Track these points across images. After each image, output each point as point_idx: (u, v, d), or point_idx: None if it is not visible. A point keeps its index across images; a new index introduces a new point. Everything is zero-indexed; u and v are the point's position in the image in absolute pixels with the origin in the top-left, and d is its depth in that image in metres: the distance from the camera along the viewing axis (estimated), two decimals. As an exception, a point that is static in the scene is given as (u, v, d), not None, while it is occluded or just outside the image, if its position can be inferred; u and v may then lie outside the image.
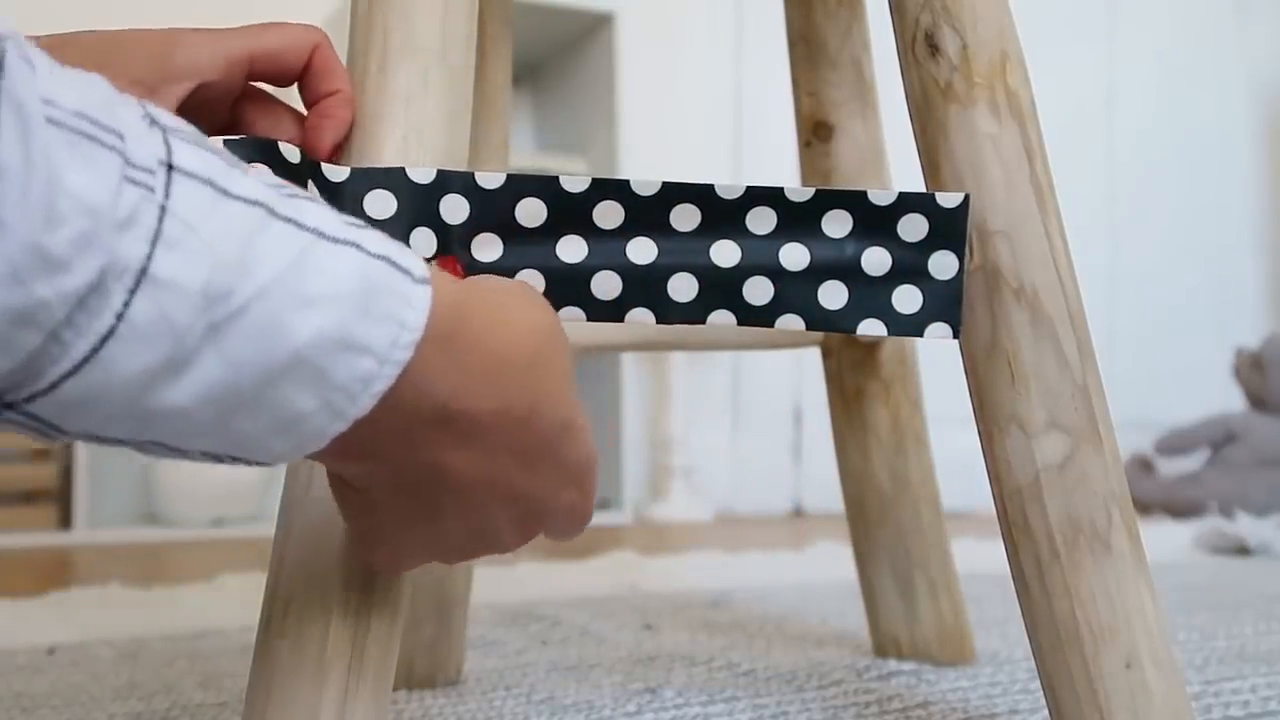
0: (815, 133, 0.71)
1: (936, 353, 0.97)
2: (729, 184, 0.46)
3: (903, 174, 0.83)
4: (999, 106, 0.47)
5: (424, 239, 0.44)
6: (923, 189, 0.49)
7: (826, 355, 0.72)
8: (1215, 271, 2.77)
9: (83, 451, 1.69)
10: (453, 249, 0.45)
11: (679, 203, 0.46)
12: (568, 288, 0.46)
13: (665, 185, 0.45)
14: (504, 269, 0.45)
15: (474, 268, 0.45)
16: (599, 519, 1.97)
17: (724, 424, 2.32)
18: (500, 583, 1.15)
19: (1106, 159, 2.68)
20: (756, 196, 0.46)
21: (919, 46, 0.48)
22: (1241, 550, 1.42)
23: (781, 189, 0.46)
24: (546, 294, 0.46)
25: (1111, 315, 2.63)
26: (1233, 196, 2.83)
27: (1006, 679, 0.69)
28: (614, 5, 2.06)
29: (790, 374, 2.35)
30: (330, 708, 0.38)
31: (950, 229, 0.46)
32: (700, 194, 0.46)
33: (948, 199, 0.46)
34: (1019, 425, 0.46)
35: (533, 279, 0.45)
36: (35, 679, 0.72)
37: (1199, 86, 2.80)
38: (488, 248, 0.45)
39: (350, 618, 0.39)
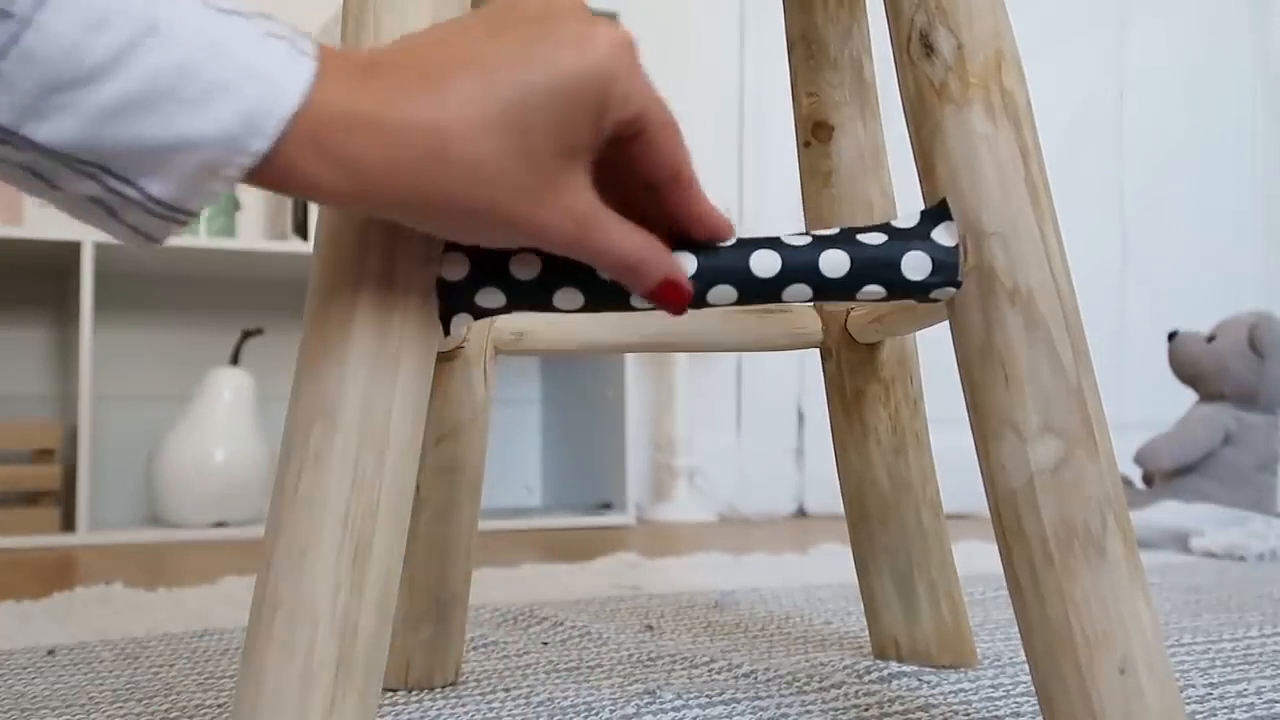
0: (815, 133, 0.71)
1: (938, 354, 0.96)
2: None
3: (903, 175, 0.82)
4: (994, 107, 0.47)
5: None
6: (920, 191, 0.49)
7: (825, 357, 0.72)
8: (1228, 268, 2.76)
9: (86, 453, 1.69)
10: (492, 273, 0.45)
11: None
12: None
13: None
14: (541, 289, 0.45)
15: (516, 288, 0.45)
16: (602, 520, 1.97)
17: (727, 425, 2.32)
18: (502, 583, 1.15)
19: (1118, 154, 2.67)
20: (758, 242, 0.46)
21: (914, 46, 0.48)
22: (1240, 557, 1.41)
23: (779, 238, 0.46)
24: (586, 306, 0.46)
25: (1122, 313, 2.63)
26: (1245, 192, 2.82)
27: (1009, 682, 0.69)
28: (617, 5, 2.06)
29: (793, 375, 2.35)
30: (317, 713, 0.38)
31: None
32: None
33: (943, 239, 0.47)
34: (1013, 429, 0.46)
35: (571, 295, 0.45)
36: (35, 680, 0.72)
37: (1212, 80, 2.79)
38: (526, 267, 0.45)
39: (338, 622, 0.39)
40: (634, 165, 0.40)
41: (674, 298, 0.43)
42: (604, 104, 0.37)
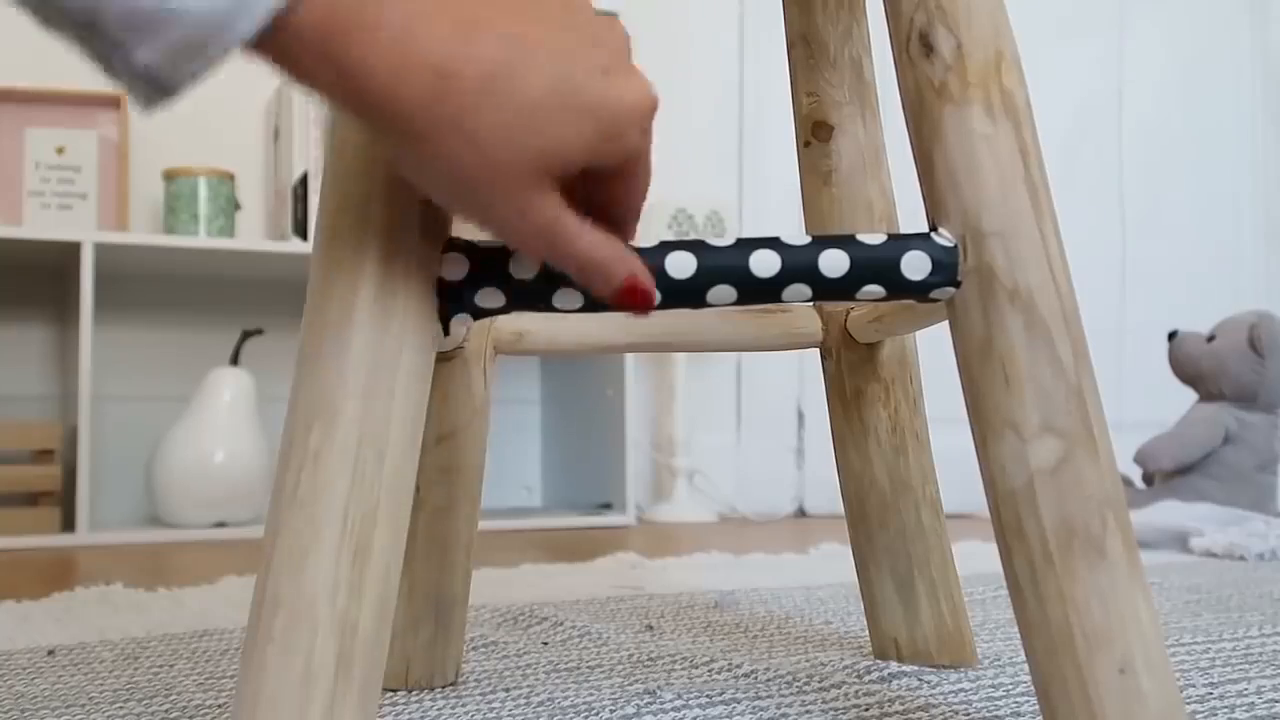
0: (815, 133, 0.71)
1: (938, 354, 0.96)
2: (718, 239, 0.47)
3: (902, 175, 0.82)
4: (993, 106, 0.47)
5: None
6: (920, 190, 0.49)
7: (825, 357, 0.72)
8: (1228, 268, 2.76)
9: (85, 454, 1.69)
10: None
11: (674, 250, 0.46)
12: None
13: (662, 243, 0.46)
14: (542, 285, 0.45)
15: (516, 289, 0.45)
16: (602, 520, 1.97)
17: (727, 426, 2.32)
18: (502, 583, 1.15)
19: (1117, 154, 2.67)
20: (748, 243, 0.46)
21: (913, 46, 0.48)
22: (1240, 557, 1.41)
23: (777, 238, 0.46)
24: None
25: (1122, 313, 2.62)
26: (1245, 192, 2.81)
27: (1009, 681, 0.69)
28: (617, 5, 2.06)
29: (793, 375, 2.35)
30: (317, 713, 0.38)
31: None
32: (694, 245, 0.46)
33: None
34: (1013, 429, 0.46)
35: (571, 295, 0.45)
36: (35, 680, 0.72)
37: (1211, 80, 2.79)
38: (526, 267, 0.45)
39: (338, 623, 0.39)
40: (603, 194, 0.42)
41: (636, 299, 0.43)
42: (617, 140, 0.38)
